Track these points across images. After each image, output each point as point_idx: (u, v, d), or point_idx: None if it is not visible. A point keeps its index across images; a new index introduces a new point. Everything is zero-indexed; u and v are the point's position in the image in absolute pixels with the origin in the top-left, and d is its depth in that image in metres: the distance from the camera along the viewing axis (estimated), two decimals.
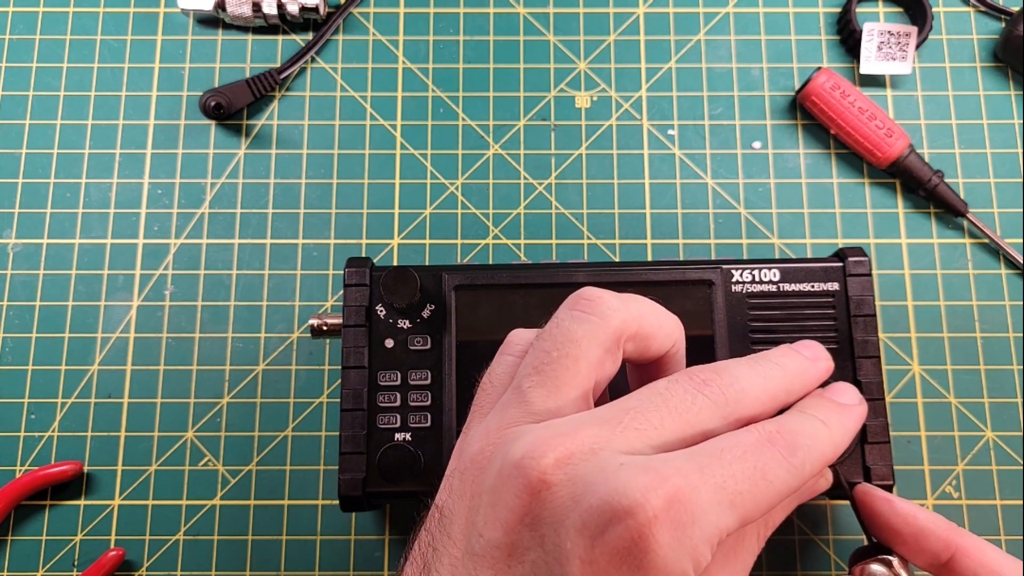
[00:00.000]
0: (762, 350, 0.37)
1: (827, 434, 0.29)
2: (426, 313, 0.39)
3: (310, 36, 0.51)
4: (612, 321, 0.29)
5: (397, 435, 0.38)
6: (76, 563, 0.45)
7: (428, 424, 0.38)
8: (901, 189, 0.49)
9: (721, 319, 0.38)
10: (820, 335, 0.38)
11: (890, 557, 0.34)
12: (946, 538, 0.34)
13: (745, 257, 0.48)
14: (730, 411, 0.28)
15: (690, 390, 0.28)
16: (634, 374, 0.34)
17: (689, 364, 0.35)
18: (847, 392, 0.32)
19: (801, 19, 0.51)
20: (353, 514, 0.45)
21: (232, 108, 0.49)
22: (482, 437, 0.29)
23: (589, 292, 0.30)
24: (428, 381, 0.39)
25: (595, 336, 0.29)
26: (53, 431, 0.46)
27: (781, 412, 0.30)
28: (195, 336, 0.47)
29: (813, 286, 0.39)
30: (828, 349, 0.37)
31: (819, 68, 0.49)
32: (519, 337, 0.32)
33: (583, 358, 0.29)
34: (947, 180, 0.48)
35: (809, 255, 0.48)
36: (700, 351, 0.37)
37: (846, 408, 0.31)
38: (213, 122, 0.50)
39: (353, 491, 0.38)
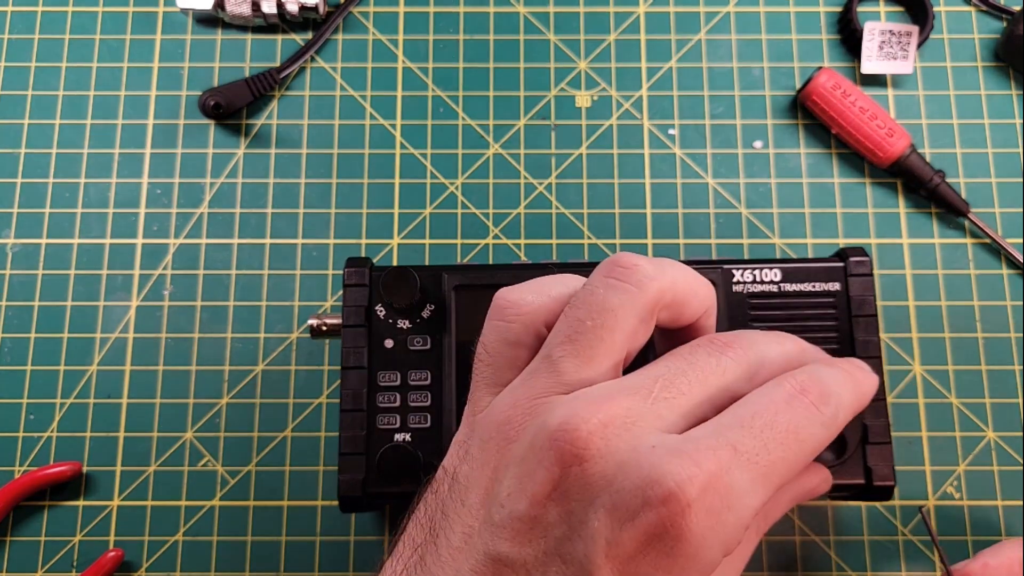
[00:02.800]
0: None
1: (853, 384, 0.29)
2: (426, 313, 0.39)
3: (309, 35, 0.51)
4: (649, 290, 0.29)
5: (397, 436, 0.38)
6: (75, 564, 0.44)
7: (428, 425, 0.38)
8: (902, 189, 0.49)
9: (722, 319, 0.38)
10: (821, 335, 0.38)
11: None
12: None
13: (746, 257, 0.48)
14: (754, 371, 0.28)
15: (714, 353, 0.28)
16: (662, 339, 0.33)
17: None
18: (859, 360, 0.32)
19: (802, 18, 0.51)
20: (353, 515, 0.45)
21: (231, 107, 0.49)
22: (509, 406, 0.28)
23: (625, 258, 0.29)
24: (428, 381, 0.38)
25: (631, 306, 0.28)
26: (52, 431, 0.46)
27: None
28: (194, 336, 0.47)
29: (814, 286, 0.39)
30: (829, 349, 0.37)
31: (820, 68, 0.49)
32: (506, 299, 0.31)
33: (618, 328, 0.28)
34: (948, 180, 0.48)
35: (810, 255, 0.48)
36: None
37: (862, 366, 0.31)
38: (212, 122, 0.50)
39: (353, 492, 0.38)
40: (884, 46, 0.49)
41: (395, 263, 0.48)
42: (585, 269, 0.40)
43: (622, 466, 0.25)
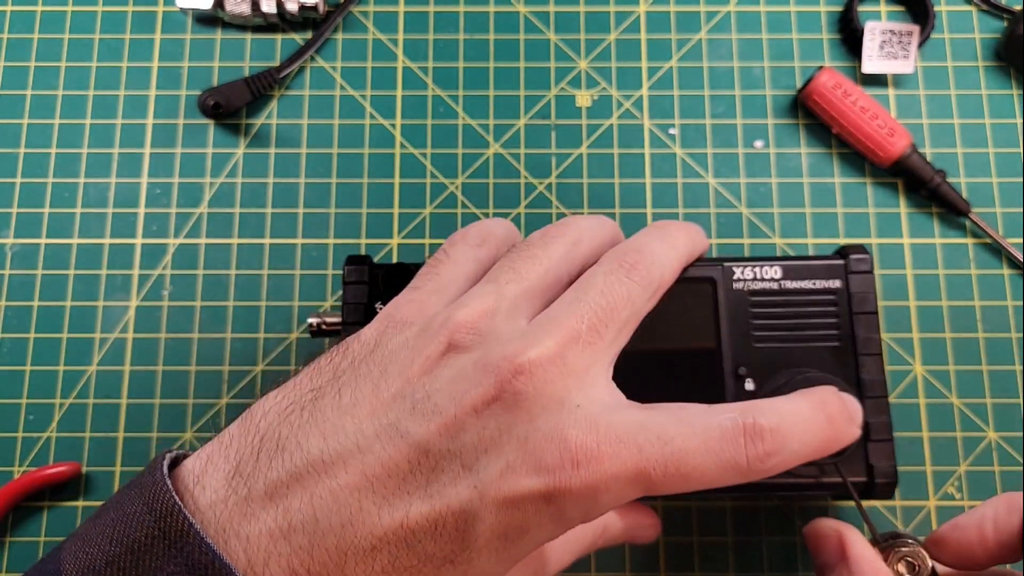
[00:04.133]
0: (765, 348, 0.37)
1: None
2: None
3: (309, 35, 0.51)
4: (583, 252, 0.33)
5: None
6: None
7: None
8: (903, 189, 0.49)
9: (723, 317, 0.38)
10: (822, 332, 0.38)
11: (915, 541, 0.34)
12: (1010, 505, 0.34)
13: (747, 256, 0.48)
14: (657, 287, 0.32)
15: (624, 281, 0.30)
16: None
17: (690, 360, 0.36)
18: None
19: (803, 18, 0.51)
20: None
21: (231, 107, 0.49)
22: (463, 313, 0.30)
23: (556, 225, 0.34)
24: None
25: (567, 260, 0.32)
26: (51, 432, 0.46)
27: None
28: (194, 336, 0.47)
29: (815, 283, 0.39)
30: (830, 347, 0.37)
31: (821, 67, 0.49)
32: (475, 232, 0.35)
33: (552, 272, 0.32)
34: (949, 180, 0.48)
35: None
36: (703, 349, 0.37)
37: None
38: (212, 121, 0.50)
39: None
40: (885, 46, 0.49)
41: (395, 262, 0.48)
42: None
43: (545, 411, 0.27)
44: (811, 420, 0.30)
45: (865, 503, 0.44)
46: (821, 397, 0.31)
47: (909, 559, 0.33)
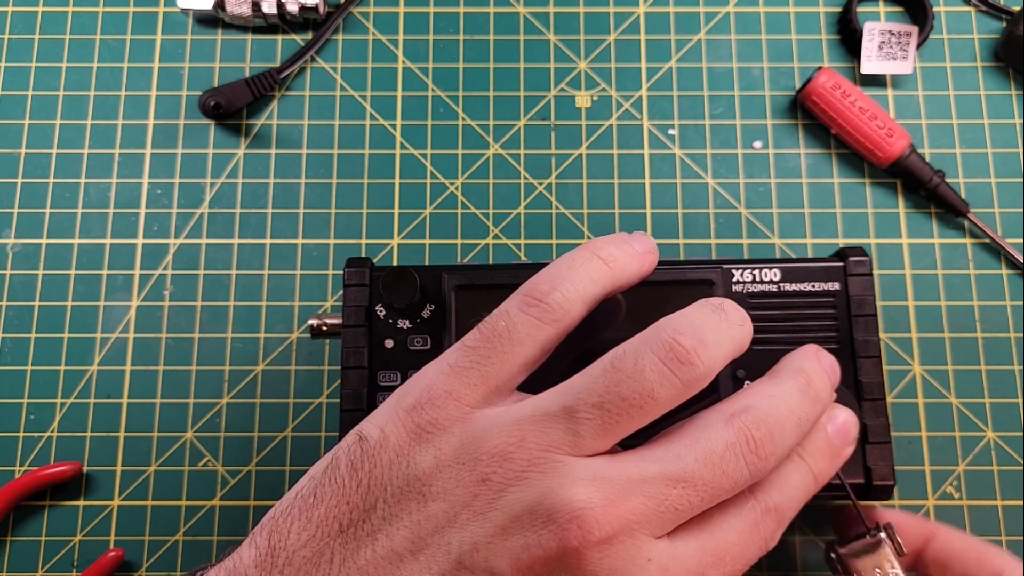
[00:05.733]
0: (764, 350, 0.37)
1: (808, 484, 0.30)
2: (426, 313, 0.39)
3: (310, 36, 0.51)
4: (703, 383, 0.27)
5: None
6: (75, 564, 0.44)
7: None
8: (902, 189, 0.49)
9: None
10: (821, 335, 0.38)
11: (879, 534, 0.35)
12: (920, 529, 0.34)
13: (746, 257, 0.48)
14: (761, 474, 0.27)
15: (741, 462, 0.26)
16: None
17: None
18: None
19: (802, 19, 0.51)
20: None
21: (231, 108, 0.49)
22: (516, 441, 0.26)
23: (689, 344, 0.27)
24: None
25: (673, 399, 0.27)
26: (52, 431, 0.46)
27: None
28: (194, 336, 0.47)
29: (814, 286, 0.39)
30: (829, 349, 0.37)
31: (820, 68, 0.49)
32: (553, 299, 0.29)
33: (652, 415, 0.27)
34: (948, 180, 0.48)
35: (810, 255, 0.48)
36: None
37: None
38: (212, 122, 0.50)
39: None
40: (884, 46, 0.49)
41: (395, 263, 0.48)
42: None
43: (613, 573, 0.24)
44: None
45: (864, 504, 0.45)
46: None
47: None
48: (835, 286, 0.39)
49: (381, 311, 0.39)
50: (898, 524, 0.36)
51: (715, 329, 0.28)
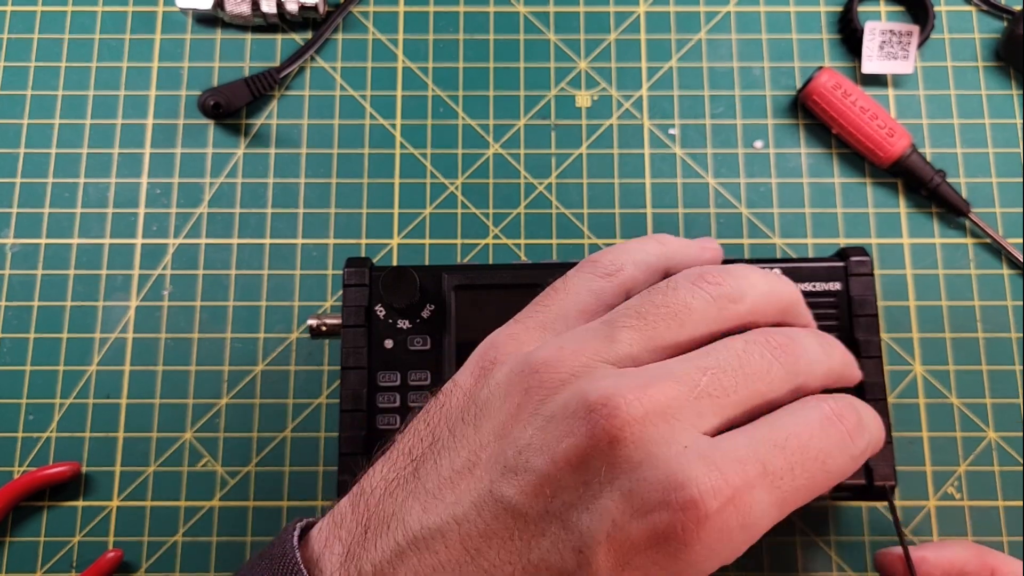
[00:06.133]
0: None
1: (879, 424, 0.29)
2: (426, 313, 0.39)
3: (309, 35, 0.51)
4: (739, 312, 0.29)
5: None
6: (74, 564, 0.44)
7: None
8: (903, 189, 0.49)
9: None
10: None
11: None
12: (980, 563, 0.34)
13: (746, 257, 0.48)
14: (800, 383, 0.28)
15: (766, 355, 0.27)
16: None
17: None
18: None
19: (802, 18, 0.51)
20: None
21: (231, 107, 0.49)
22: (554, 352, 0.27)
23: (718, 272, 0.29)
24: (428, 382, 0.38)
25: (709, 320, 0.28)
26: (51, 432, 0.46)
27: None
28: (194, 336, 0.47)
29: (815, 286, 0.39)
30: None
31: (820, 67, 0.49)
32: (608, 259, 0.31)
33: (689, 327, 0.28)
34: (949, 180, 0.48)
35: (811, 255, 0.48)
36: None
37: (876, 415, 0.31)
38: (212, 121, 0.50)
39: None
40: (885, 46, 0.49)
41: (395, 263, 0.48)
42: None
43: (651, 457, 0.24)
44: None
45: (864, 504, 0.45)
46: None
47: None
48: (836, 286, 0.39)
49: (381, 311, 0.39)
50: (962, 569, 0.35)
51: (742, 271, 0.30)
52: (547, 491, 0.25)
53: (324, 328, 0.41)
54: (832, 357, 0.30)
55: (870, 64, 0.49)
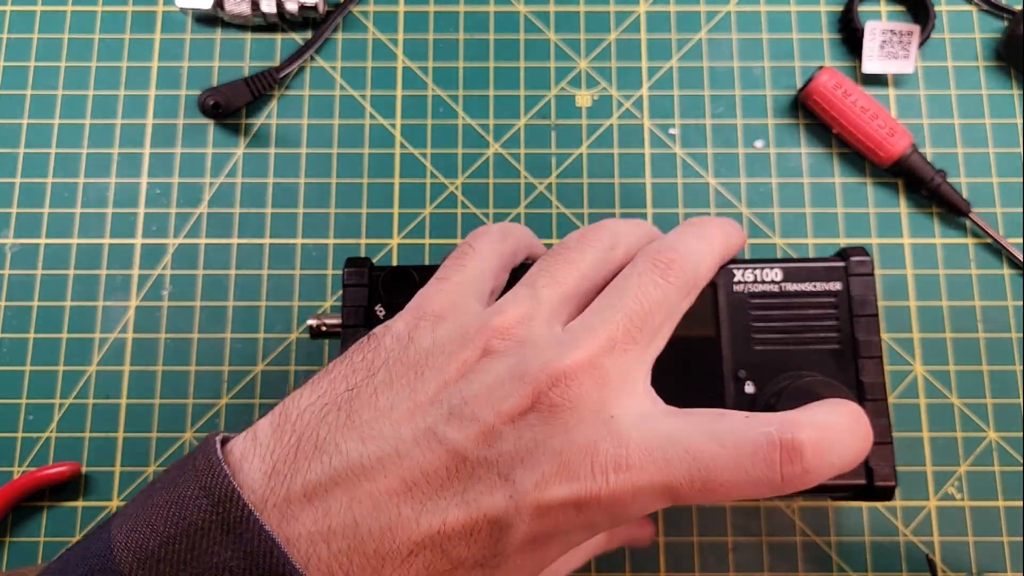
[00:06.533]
0: (765, 350, 0.37)
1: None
2: None
3: (309, 35, 0.51)
4: (619, 256, 0.33)
5: None
6: None
7: None
8: (903, 189, 0.49)
9: (724, 319, 0.38)
10: (822, 335, 0.38)
11: None
12: None
13: (747, 257, 0.48)
14: (690, 290, 0.32)
15: (659, 282, 0.30)
16: None
17: (690, 363, 0.35)
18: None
19: (803, 18, 0.51)
20: None
21: (231, 107, 0.49)
22: (493, 309, 0.30)
23: (591, 229, 0.33)
24: None
25: (602, 266, 0.32)
26: (51, 432, 0.46)
27: None
28: (193, 337, 0.47)
29: (815, 286, 0.39)
30: (831, 349, 0.37)
31: (821, 67, 0.48)
32: (498, 228, 0.35)
33: (590, 276, 0.32)
34: (950, 180, 0.48)
35: (811, 255, 0.48)
36: (703, 351, 0.37)
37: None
38: (211, 121, 0.50)
39: None
40: (885, 45, 0.49)
41: (395, 263, 0.48)
42: None
43: (580, 422, 0.27)
44: (851, 435, 0.29)
45: (865, 505, 0.44)
46: (855, 410, 0.30)
47: None
48: (836, 286, 0.39)
49: (381, 311, 0.39)
50: None
51: (609, 223, 0.34)
52: (488, 440, 0.27)
53: (324, 328, 0.41)
54: (713, 243, 0.33)
55: (870, 64, 0.49)
